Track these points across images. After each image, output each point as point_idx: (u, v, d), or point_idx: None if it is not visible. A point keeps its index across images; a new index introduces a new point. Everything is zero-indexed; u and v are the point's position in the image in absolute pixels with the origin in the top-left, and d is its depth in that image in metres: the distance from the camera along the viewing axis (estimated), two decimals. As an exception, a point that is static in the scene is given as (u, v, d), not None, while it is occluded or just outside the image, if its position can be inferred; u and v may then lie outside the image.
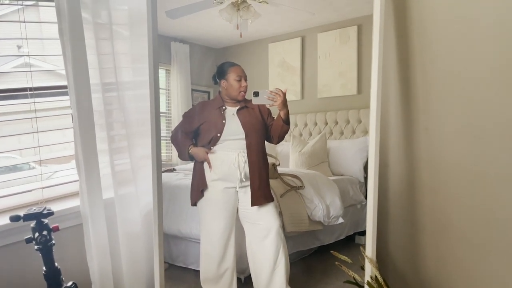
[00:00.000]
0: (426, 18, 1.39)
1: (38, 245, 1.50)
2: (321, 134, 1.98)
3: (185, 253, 1.90)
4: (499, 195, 1.23)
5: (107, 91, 1.75)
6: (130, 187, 1.83)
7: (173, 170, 1.95)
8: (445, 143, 1.38)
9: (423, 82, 1.43)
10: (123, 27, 1.79)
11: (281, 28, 1.96)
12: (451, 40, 1.32)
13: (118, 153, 1.80)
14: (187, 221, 1.82)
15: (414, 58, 1.45)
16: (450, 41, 1.32)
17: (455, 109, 1.33)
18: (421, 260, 1.54)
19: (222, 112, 1.66)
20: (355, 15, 1.83)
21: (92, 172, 1.70)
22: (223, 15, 1.74)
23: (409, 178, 1.54)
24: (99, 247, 1.75)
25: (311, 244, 1.90)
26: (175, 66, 1.93)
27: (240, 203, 1.67)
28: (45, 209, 1.51)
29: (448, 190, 1.39)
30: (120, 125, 1.82)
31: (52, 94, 1.88)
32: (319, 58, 1.92)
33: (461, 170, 1.33)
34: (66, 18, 1.56)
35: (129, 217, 1.84)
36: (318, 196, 1.81)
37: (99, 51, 1.69)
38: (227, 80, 1.66)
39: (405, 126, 1.54)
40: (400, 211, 1.60)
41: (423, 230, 1.51)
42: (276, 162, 1.82)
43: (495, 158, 1.23)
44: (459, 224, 1.36)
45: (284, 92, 1.56)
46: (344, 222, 1.85)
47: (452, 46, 1.32)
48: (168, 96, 1.93)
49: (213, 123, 1.65)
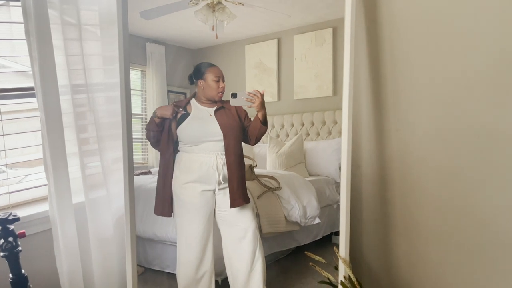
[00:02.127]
0: (395, 20, 1.41)
1: (4, 252, 1.47)
2: (297, 135, 1.99)
3: (161, 257, 1.88)
4: (469, 196, 1.25)
5: (77, 93, 1.72)
6: (101, 191, 1.80)
7: (149, 172, 1.93)
8: (416, 144, 1.40)
9: (393, 84, 1.45)
10: (93, 28, 1.75)
11: (258, 29, 1.96)
12: (419, 42, 1.34)
13: (88, 156, 1.77)
14: (163, 224, 1.79)
15: (384, 59, 1.47)
16: (419, 43, 1.35)
17: (425, 110, 1.36)
18: (394, 260, 1.55)
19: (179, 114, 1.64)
20: (331, 18, 1.85)
21: (61, 175, 1.66)
22: (199, 16, 1.73)
23: (381, 179, 1.56)
24: (69, 252, 1.72)
25: (288, 245, 1.90)
26: (151, 67, 1.91)
27: (217, 205, 1.65)
28: (10, 215, 1.47)
29: (419, 190, 1.41)
30: (90, 128, 1.79)
31: (19, 96, 1.83)
32: (296, 59, 1.93)
33: (432, 170, 1.36)
34: (32, 18, 1.53)
35: (101, 221, 1.81)
36: (295, 197, 1.82)
37: (67, 52, 1.66)
38: (205, 80, 1.64)
39: (377, 127, 1.55)
40: (373, 212, 1.62)
41: (395, 230, 1.53)
42: (253, 164, 1.82)
43: (465, 158, 1.25)
44: (430, 225, 1.39)
45: (262, 93, 1.56)
46: (320, 222, 1.86)
47: (420, 47, 1.34)
48: (144, 98, 1.91)
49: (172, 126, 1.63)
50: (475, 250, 1.25)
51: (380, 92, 1.51)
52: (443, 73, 1.28)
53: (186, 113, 1.64)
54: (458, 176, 1.28)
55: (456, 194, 1.29)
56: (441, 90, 1.29)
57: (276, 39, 1.96)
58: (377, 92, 1.52)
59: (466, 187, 1.26)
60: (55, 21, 1.60)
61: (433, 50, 1.30)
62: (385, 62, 1.47)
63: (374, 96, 1.54)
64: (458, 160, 1.27)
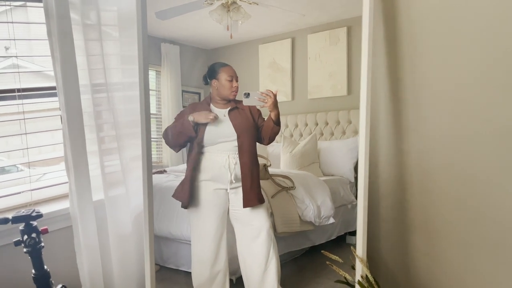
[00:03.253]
0: (415, 19, 1.41)
1: (27, 248, 1.49)
2: (311, 135, 1.99)
3: (176, 255, 1.89)
4: (489, 195, 1.25)
5: (97, 92, 1.74)
6: (120, 189, 1.82)
7: (164, 171, 1.94)
8: (435, 144, 1.40)
9: (412, 83, 1.45)
10: (112, 28, 1.78)
11: (271, 29, 1.97)
12: (440, 41, 1.34)
13: (108, 155, 1.79)
14: (178, 223, 1.81)
15: (403, 59, 1.47)
16: (440, 43, 1.34)
17: (445, 110, 1.35)
18: (412, 260, 1.55)
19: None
20: (345, 17, 1.84)
21: (82, 173, 1.68)
22: (213, 16, 1.74)
23: (399, 178, 1.56)
24: (89, 249, 1.74)
25: (302, 245, 1.90)
26: (166, 67, 1.92)
27: (230, 204, 1.67)
28: (34, 211, 1.49)
29: (438, 190, 1.40)
30: (110, 127, 1.81)
31: (40, 95, 1.85)
32: (309, 59, 1.93)
33: (451, 171, 1.35)
34: (55, 19, 1.55)
35: (120, 219, 1.83)
36: (309, 197, 1.82)
37: (88, 52, 1.68)
38: (219, 80, 1.65)
39: (395, 126, 1.55)
40: (391, 211, 1.62)
41: (413, 230, 1.53)
42: (267, 163, 1.83)
43: (485, 158, 1.25)
44: (449, 225, 1.38)
45: (274, 93, 1.56)
46: (335, 222, 1.86)
47: (441, 47, 1.34)
48: (158, 97, 1.92)
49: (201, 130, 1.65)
50: (495, 251, 1.25)
51: (398, 90, 1.51)
52: (464, 73, 1.27)
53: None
54: (477, 177, 1.27)
55: (475, 194, 1.28)
56: (461, 90, 1.29)
57: (290, 38, 1.97)
58: (395, 90, 1.52)
59: (486, 187, 1.25)
60: (76, 22, 1.63)
61: (454, 49, 1.29)
62: (403, 60, 1.46)
63: (392, 95, 1.53)
64: (478, 160, 1.27)
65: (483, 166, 1.25)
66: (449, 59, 1.31)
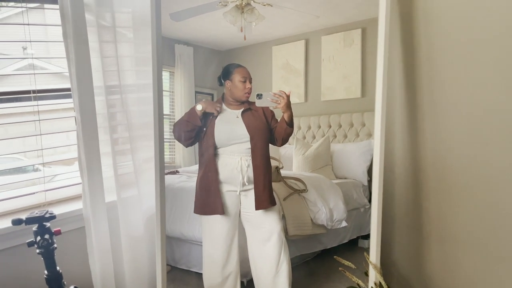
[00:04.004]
0: (432, 20, 1.38)
1: (40, 249, 1.50)
2: (324, 137, 1.97)
3: (188, 256, 1.89)
4: (507, 202, 1.21)
5: (110, 93, 1.75)
6: (132, 190, 1.83)
7: (176, 172, 1.95)
8: (451, 148, 1.37)
9: (428, 86, 1.42)
10: (127, 30, 1.79)
11: (285, 30, 1.95)
12: (458, 43, 1.31)
13: (121, 156, 1.80)
14: (190, 224, 1.81)
15: (419, 61, 1.44)
16: (457, 44, 1.31)
17: (462, 113, 1.32)
18: (427, 267, 1.52)
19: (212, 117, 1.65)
20: (360, 18, 1.82)
21: (95, 174, 1.70)
22: (227, 17, 1.74)
23: (414, 183, 1.53)
24: (101, 250, 1.75)
25: (314, 248, 1.88)
26: (179, 68, 1.93)
27: (242, 206, 1.66)
28: (47, 213, 1.50)
29: (455, 196, 1.37)
30: (123, 128, 1.82)
31: (55, 96, 1.87)
32: (323, 61, 1.91)
33: (469, 175, 1.32)
34: (70, 21, 1.56)
35: (132, 220, 1.83)
36: (322, 200, 1.80)
37: (102, 53, 1.69)
38: (232, 81, 1.65)
39: (410, 129, 1.52)
40: (405, 216, 1.59)
41: (428, 236, 1.50)
42: (279, 165, 1.82)
43: (503, 164, 1.21)
44: (467, 232, 1.35)
45: (287, 94, 1.55)
46: (347, 225, 1.84)
47: (459, 49, 1.31)
48: (172, 98, 1.93)
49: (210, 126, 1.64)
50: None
51: (414, 93, 1.48)
52: (482, 75, 1.24)
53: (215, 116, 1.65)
54: (497, 183, 1.24)
55: (494, 202, 1.25)
56: (480, 93, 1.26)
57: (304, 40, 1.95)
58: (411, 93, 1.49)
59: (506, 194, 1.22)
60: (91, 24, 1.64)
61: (473, 50, 1.26)
62: (420, 62, 1.44)
63: (408, 97, 1.51)
64: (496, 166, 1.23)
65: (503, 171, 1.22)
66: (467, 60, 1.28)
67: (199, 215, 1.69)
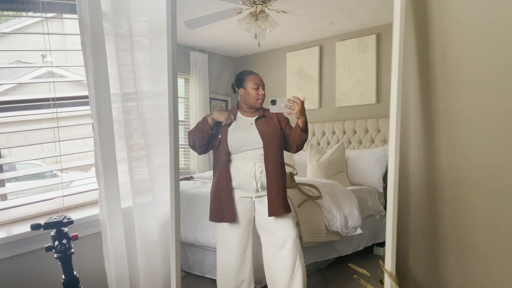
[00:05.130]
0: (448, 26, 1.37)
1: (58, 254, 1.52)
2: (339, 143, 1.96)
3: (202, 262, 1.90)
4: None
5: (127, 101, 1.78)
6: (148, 196, 1.85)
7: (191, 178, 1.96)
8: (468, 156, 1.35)
9: (444, 92, 1.41)
10: (143, 38, 1.81)
11: (299, 37, 1.96)
12: (474, 49, 1.29)
13: (136, 162, 1.82)
14: (204, 230, 1.82)
15: (435, 67, 1.42)
16: (474, 50, 1.30)
17: (479, 120, 1.30)
18: (442, 276, 1.49)
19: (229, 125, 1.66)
20: (374, 24, 1.81)
21: (111, 180, 1.72)
22: (242, 24, 1.75)
23: (430, 190, 1.51)
24: (117, 255, 1.77)
25: (328, 255, 1.87)
26: (194, 75, 1.94)
27: (256, 212, 1.66)
28: (65, 218, 1.53)
29: (472, 205, 1.35)
30: (139, 135, 1.84)
31: (73, 104, 1.91)
32: (337, 66, 1.91)
33: (486, 185, 1.30)
34: (88, 30, 1.59)
35: (147, 226, 1.85)
36: (336, 206, 1.79)
37: (119, 61, 1.72)
38: (245, 88, 1.66)
39: (426, 136, 1.50)
40: (421, 224, 1.57)
41: (444, 245, 1.47)
42: (293, 171, 1.81)
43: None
44: (484, 242, 1.32)
45: (302, 100, 1.55)
46: (362, 233, 1.82)
47: (475, 55, 1.29)
48: (187, 105, 1.94)
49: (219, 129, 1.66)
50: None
51: (430, 99, 1.46)
52: (500, 82, 1.22)
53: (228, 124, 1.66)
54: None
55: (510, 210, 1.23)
56: (497, 101, 1.24)
57: (318, 46, 1.95)
58: (426, 100, 1.48)
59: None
60: (108, 33, 1.67)
61: (490, 57, 1.24)
62: (435, 68, 1.42)
63: (423, 105, 1.49)
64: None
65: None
66: (483, 67, 1.27)
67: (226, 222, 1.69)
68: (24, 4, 1.75)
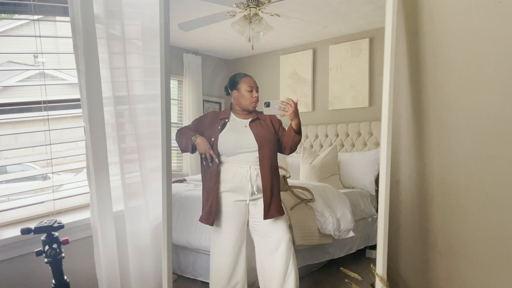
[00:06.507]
0: (438, 33, 1.38)
1: (48, 258, 1.51)
2: (332, 146, 1.96)
3: (194, 265, 1.89)
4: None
5: (119, 104, 1.77)
6: (140, 200, 1.85)
7: (184, 180, 1.95)
8: (458, 162, 1.36)
9: (435, 97, 1.42)
10: (136, 42, 1.81)
11: (293, 40, 1.96)
12: (463, 53, 1.31)
13: (128, 166, 1.82)
14: (196, 233, 1.81)
15: (426, 71, 1.44)
16: (463, 54, 1.31)
17: (469, 127, 1.31)
18: (432, 280, 1.51)
19: (219, 127, 1.66)
20: (367, 28, 1.82)
21: (103, 184, 1.71)
22: (235, 27, 1.75)
23: (421, 195, 1.52)
24: (108, 259, 1.76)
25: (321, 258, 1.87)
26: (187, 77, 1.94)
27: (250, 215, 1.66)
28: (55, 222, 1.52)
29: (461, 209, 1.36)
30: (131, 138, 1.84)
31: (65, 107, 1.90)
32: (331, 70, 1.91)
33: (473, 189, 1.31)
34: (81, 33, 1.59)
35: (139, 230, 1.85)
36: (329, 209, 1.79)
37: (112, 65, 1.71)
38: (239, 90, 1.66)
39: (417, 141, 1.52)
40: (411, 228, 1.58)
41: (434, 249, 1.49)
42: (286, 174, 1.81)
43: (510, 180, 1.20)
44: (474, 246, 1.34)
45: (295, 102, 1.56)
46: (354, 235, 1.82)
47: (465, 59, 1.30)
48: (180, 107, 1.94)
49: (212, 132, 1.65)
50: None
51: (421, 105, 1.47)
52: (489, 89, 1.23)
53: (224, 124, 1.66)
54: (502, 198, 1.23)
55: (500, 216, 1.24)
56: (488, 106, 1.25)
57: (311, 49, 1.95)
58: (417, 105, 1.49)
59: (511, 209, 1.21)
60: (101, 36, 1.66)
61: (479, 64, 1.25)
62: (426, 74, 1.43)
63: (414, 109, 1.50)
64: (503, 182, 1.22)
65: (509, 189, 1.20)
66: (473, 74, 1.28)
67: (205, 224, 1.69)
68: (16, 6, 1.73)
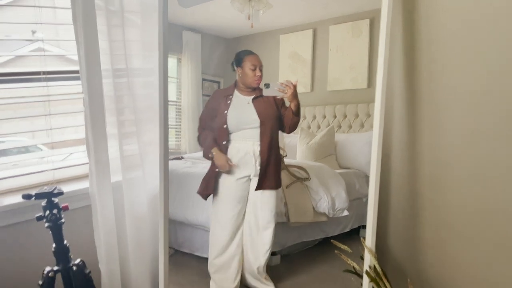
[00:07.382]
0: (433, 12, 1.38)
1: (48, 223, 1.55)
2: (329, 127, 1.97)
3: (191, 240, 1.93)
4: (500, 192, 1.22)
5: (118, 77, 1.78)
6: (137, 171, 1.87)
7: (181, 158, 1.97)
8: (449, 140, 1.38)
9: (428, 80, 1.43)
10: (134, 15, 1.81)
11: (293, 19, 1.95)
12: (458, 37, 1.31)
13: (127, 138, 1.84)
14: (194, 208, 1.84)
15: (420, 53, 1.44)
16: (457, 38, 1.31)
17: (461, 105, 1.32)
18: (420, 253, 1.54)
19: (228, 101, 1.67)
20: (368, 8, 1.81)
21: (102, 155, 1.74)
22: (235, 5, 1.75)
23: (411, 171, 1.54)
24: (106, 227, 1.80)
25: (315, 235, 1.90)
26: (186, 55, 1.94)
27: (250, 191, 1.70)
28: (55, 189, 1.55)
29: (449, 184, 1.39)
30: (129, 111, 1.85)
31: (64, 78, 1.91)
32: (330, 50, 1.91)
33: (463, 168, 1.33)
34: (80, 4, 1.59)
35: (136, 200, 1.88)
36: (324, 188, 1.82)
37: (110, 37, 1.72)
38: (243, 68, 1.67)
39: (409, 120, 1.53)
40: (401, 204, 1.60)
41: (422, 223, 1.51)
42: (283, 153, 1.83)
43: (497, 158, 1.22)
44: (459, 221, 1.36)
45: (294, 84, 1.57)
46: (349, 215, 1.85)
47: (459, 43, 1.31)
48: (179, 85, 1.95)
49: (220, 113, 1.67)
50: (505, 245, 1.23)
51: (414, 87, 1.49)
52: (484, 67, 1.24)
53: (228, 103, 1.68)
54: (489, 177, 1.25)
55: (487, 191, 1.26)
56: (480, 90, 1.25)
57: (312, 29, 1.94)
58: (411, 87, 1.50)
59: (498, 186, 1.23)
60: (100, 7, 1.67)
61: (474, 46, 1.26)
62: (420, 56, 1.44)
63: (408, 89, 1.51)
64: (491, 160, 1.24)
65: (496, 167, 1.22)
66: (468, 53, 1.28)
67: (204, 200, 1.73)
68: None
